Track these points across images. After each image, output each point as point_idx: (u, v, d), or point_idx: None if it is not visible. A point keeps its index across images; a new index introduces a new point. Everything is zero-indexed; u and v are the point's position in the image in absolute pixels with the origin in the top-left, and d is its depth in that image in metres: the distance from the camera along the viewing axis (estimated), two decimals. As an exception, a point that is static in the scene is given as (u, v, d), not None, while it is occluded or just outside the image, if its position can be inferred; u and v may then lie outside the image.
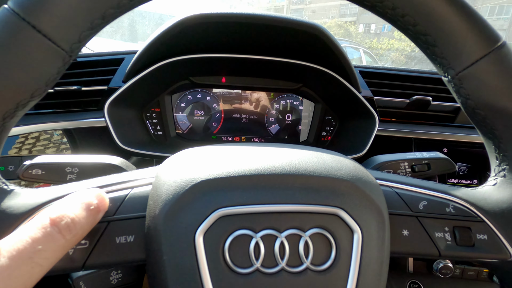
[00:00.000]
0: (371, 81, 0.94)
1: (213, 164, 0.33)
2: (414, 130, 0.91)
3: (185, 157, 0.36)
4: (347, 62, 0.83)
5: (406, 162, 0.59)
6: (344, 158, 0.41)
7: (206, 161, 0.34)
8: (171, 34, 0.74)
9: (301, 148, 0.41)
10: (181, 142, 1.01)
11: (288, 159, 0.35)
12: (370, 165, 0.62)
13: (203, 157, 0.35)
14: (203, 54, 0.87)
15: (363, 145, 0.88)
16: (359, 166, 0.38)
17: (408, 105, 0.93)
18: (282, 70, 0.94)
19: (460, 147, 0.90)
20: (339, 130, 1.03)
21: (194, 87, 1.00)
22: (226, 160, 0.34)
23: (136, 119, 0.94)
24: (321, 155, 0.39)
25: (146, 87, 0.88)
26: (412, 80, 0.95)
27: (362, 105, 0.88)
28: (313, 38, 0.77)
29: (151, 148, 0.89)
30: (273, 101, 1.04)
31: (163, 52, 0.82)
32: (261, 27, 0.77)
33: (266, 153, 0.36)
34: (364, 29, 37.08)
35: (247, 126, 1.05)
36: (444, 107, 0.94)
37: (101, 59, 0.89)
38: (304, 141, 1.07)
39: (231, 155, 0.35)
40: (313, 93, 1.02)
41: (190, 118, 1.02)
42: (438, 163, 0.58)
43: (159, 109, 0.98)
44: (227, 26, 0.77)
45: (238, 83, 1.00)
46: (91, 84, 0.87)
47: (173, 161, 0.36)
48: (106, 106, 0.78)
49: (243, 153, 0.36)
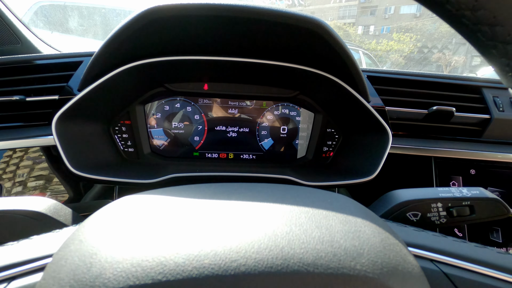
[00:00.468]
0: (381, 88, 0.79)
1: (144, 252, 0.20)
2: (434, 147, 0.76)
3: (106, 226, 0.24)
4: (354, 66, 0.67)
5: (439, 203, 0.44)
6: (363, 221, 0.26)
7: (136, 238, 0.22)
8: (133, 30, 0.58)
9: (288, 201, 0.28)
10: (157, 160, 0.85)
11: (269, 237, 0.22)
12: (388, 204, 0.46)
13: (132, 227, 0.23)
14: (179, 56, 0.71)
15: (374, 165, 0.72)
16: (390, 240, 0.24)
17: (427, 117, 0.78)
18: (276, 75, 0.78)
19: (491, 168, 0.74)
20: (343, 145, 0.87)
21: (171, 95, 0.84)
22: (168, 242, 0.21)
23: (100, 135, 0.78)
24: (326, 220, 0.24)
25: (110, 96, 0.73)
26: (431, 87, 0.80)
27: (372, 117, 0.73)
28: (313, 36, 0.61)
29: (118, 170, 0.73)
30: (266, 111, 0.88)
31: (127, 53, 0.66)
32: (249, 23, 0.61)
33: (234, 222, 0.23)
34: (363, 31, 37.10)
35: (235, 140, 0.89)
36: (469, 119, 0.78)
37: (53, 63, 0.73)
38: (302, 158, 0.92)
39: (178, 225, 0.23)
40: (313, 102, 0.87)
41: (167, 132, 0.86)
42: (484, 205, 0.43)
43: (130, 121, 0.82)
44: (207, 22, 0.62)
45: (223, 90, 0.84)
46: (43, 94, 0.72)
47: (86, 232, 0.23)
48: (54, 121, 0.62)
49: (197, 220, 0.23)
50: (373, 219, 0.27)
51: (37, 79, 0.72)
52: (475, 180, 0.74)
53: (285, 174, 0.75)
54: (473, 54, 26.94)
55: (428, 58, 25.36)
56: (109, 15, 2.16)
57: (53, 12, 2.21)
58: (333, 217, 0.25)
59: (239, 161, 0.90)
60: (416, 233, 0.32)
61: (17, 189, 0.71)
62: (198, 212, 0.25)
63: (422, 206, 0.44)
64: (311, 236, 0.22)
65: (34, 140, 0.67)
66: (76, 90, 0.68)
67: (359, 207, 0.30)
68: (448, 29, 28.67)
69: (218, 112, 0.87)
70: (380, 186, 0.78)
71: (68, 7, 2.32)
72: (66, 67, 0.73)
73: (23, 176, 0.72)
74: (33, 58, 0.75)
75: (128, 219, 0.24)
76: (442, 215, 0.43)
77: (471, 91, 0.81)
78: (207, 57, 0.72)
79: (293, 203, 0.27)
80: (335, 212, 0.26)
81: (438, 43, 27.33)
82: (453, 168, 0.75)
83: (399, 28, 31.04)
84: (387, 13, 36.30)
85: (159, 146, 0.87)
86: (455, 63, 24.97)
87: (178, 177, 0.71)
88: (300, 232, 0.22)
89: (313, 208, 0.27)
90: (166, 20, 0.57)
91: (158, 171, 0.75)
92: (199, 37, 0.67)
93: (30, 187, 0.72)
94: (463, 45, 27.83)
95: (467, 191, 0.44)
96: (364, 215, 0.27)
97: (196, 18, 0.59)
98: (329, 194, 0.32)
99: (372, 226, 0.25)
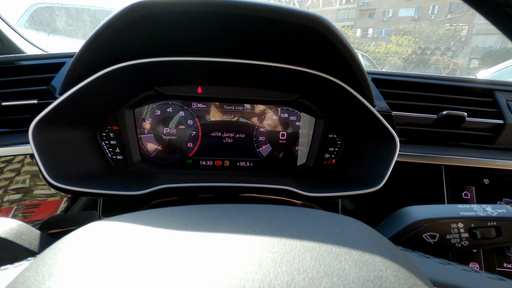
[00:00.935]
0: (387, 91, 0.74)
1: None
2: (444, 155, 0.71)
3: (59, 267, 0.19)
4: (359, 67, 0.62)
5: (460, 223, 0.38)
6: (384, 260, 0.21)
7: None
8: (117, 28, 0.53)
9: (287, 233, 0.23)
10: (147, 168, 0.80)
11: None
12: (401, 223, 0.41)
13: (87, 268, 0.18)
14: (170, 57, 0.66)
15: (380, 175, 0.67)
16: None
17: (436, 122, 0.72)
18: (274, 77, 0.73)
19: (506, 177, 0.69)
20: (346, 152, 0.82)
21: (163, 99, 0.79)
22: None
23: (85, 142, 0.73)
24: (337, 262, 0.20)
25: (95, 100, 0.67)
26: (440, 90, 0.75)
27: (377, 122, 0.67)
28: (313, 35, 0.56)
29: (103, 181, 0.68)
30: (263, 115, 0.83)
31: (113, 53, 0.61)
32: (246, 20, 0.56)
33: (214, 270, 0.18)
34: (361, 33, 37.23)
35: (231, 147, 0.84)
36: (481, 124, 0.73)
37: (34, 64, 0.68)
38: (302, 165, 0.86)
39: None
40: (313, 106, 0.82)
41: (159, 138, 0.81)
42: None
43: (118, 127, 0.77)
44: (200, 19, 0.56)
45: (218, 94, 0.79)
46: (23, 97, 0.66)
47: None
48: (31, 127, 0.57)
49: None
50: (394, 256, 0.22)
51: (16, 81, 0.66)
52: (489, 190, 0.68)
53: (284, 184, 0.70)
54: (471, 56, 27.05)
55: (427, 60, 25.46)
56: (99, 15, 2.12)
57: (49, 14, 2.16)
58: (346, 257, 0.20)
59: (235, 169, 0.85)
60: (442, 268, 0.26)
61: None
62: (172, 253, 0.19)
63: (440, 226, 0.39)
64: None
65: (11, 148, 0.62)
66: (57, 93, 0.63)
67: (374, 237, 0.24)
68: (446, 32, 28.74)
69: (212, 117, 0.82)
70: (387, 197, 0.73)
71: (65, 9, 2.28)
72: (49, 68, 0.67)
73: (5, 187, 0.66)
74: (13, 59, 0.70)
75: (84, 260, 0.19)
76: (463, 237, 0.38)
77: (482, 94, 0.76)
78: (201, 58, 0.66)
79: (293, 235, 0.22)
80: (347, 248, 0.21)
81: (436, 46, 27.46)
82: (465, 178, 0.70)
83: (397, 30, 31.18)
84: (386, 15, 36.45)
85: (150, 153, 0.82)
86: (454, 66, 25.06)
87: (168, 188, 0.66)
88: (305, 284, 0.17)
89: (319, 242, 0.21)
90: (155, 16, 0.52)
91: (148, 181, 0.70)
92: (191, 36, 0.62)
93: (12, 199, 0.67)
94: (462, 47, 27.97)
95: (492, 209, 0.39)
96: (383, 250, 0.22)
97: (188, 15, 0.53)
98: (335, 218, 0.27)
99: (395, 268, 0.20)
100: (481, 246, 0.38)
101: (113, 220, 0.24)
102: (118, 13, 0.51)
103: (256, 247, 0.20)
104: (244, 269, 0.18)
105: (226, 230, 0.22)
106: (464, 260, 0.65)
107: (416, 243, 0.39)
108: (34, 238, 0.37)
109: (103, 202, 0.68)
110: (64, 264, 0.18)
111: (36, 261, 0.19)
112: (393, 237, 0.41)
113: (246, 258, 0.19)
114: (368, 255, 0.20)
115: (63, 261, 0.19)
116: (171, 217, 0.24)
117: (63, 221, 0.64)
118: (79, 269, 0.18)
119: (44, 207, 0.69)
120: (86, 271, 0.18)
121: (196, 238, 0.21)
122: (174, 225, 0.23)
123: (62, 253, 0.19)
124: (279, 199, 0.73)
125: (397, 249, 0.24)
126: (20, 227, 0.36)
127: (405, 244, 0.40)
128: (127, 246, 0.20)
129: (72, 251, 0.20)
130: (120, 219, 0.25)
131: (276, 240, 0.21)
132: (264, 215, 0.25)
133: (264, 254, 0.20)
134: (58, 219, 0.65)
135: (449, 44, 28.02)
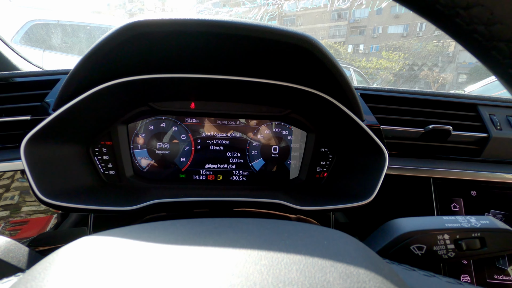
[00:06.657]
0: (375, 106, 0.76)
1: None
2: (432, 168, 0.72)
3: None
4: (346, 83, 0.64)
5: (446, 234, 0.39)
6: (367, 273, 0.22)
7: None
8: (113, 46, 0.55)
9: (273, 245, 0.23)
10: (140, 183, 0.80)
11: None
12: (389, 235, 0.42)
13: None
14: (164, 74, 0.67)
15: (370, 188, 0.68)
16: None
17: (423, 136, 0.74)
18: (266, 93, 0.75)
19: (492, 189, 0.71)
20: (337, 165, 0.83)
21: (156, 114, 0.80)
22: None
23: (78, 157, 0.73)
24: (322, 274, 0.20)
25: (89, 116, 0.68)
26: (426, 105, 0.77)
27: (366, 136, 0.69)
28: (302, 53, 0.58)
29: (95, 196, 0.67)
30: (256, 130, 0.84)
31: (107, 70, 0.62)
32: (237, 39, 0.58)
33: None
34: (353, 49, 38.25)
35: (224, 161, 0.84)
36: (467, 138, 0.75)
37: (28, 81, 0.69)
38: (295, 179, 0.87)
39: None
40: (305, 121, 0.84)
41: (152, 153, 0.81)
42: (496, 237, 0.38)
43: (111, 142, 0.77)
44: (193, 38, 0.58)
45: (211, 109, 0.80)
46: (16, 114, 0.67)
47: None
48: (23, 143, 0.57)
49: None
50: (379, 268, 0.22)
51: (10, 98, 0.67)
52: (477, 202, 0.70)
53: (276, 198, 0.70)
54: (459, 71, 27.87)
55: (417, 75, 26.14)
56: (94, 32, 2.15)
57: (45, 31, 2.19)
58: (331, 269, 0.21)
59: (228, 183, 0.85)
60: (426, 280, 0.27)
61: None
62: (161, 266, 0.20)
63: (427, 238, 0.39)
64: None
65: (3, 164, 0.61)
66: (50, 109, 0.64)
67: (360, 250, 0.25)
68: (434, 48, 29.72)
69: (206, 132, 0.83)
70: (378, 210, 0.73)
71: (61, 26, 2.30)
72: (43, 85, 0.68)
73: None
74: (7, 76, 0.70)
75: (74, 274, 0.19)
76: (450, 248, 0.39)
77: (466, 108, 0.78)
78: (194, 74, 0.68)
79: (280, 248, 0.22)
80: (332, 261, 0.22)
81: (425, 61, 28.28)
82: (453, 190, 0.71)
83: (387, 46, 32.13)
84: (376, 32, 37.68)
85: (143, 168, 0.82)
86: (443, 80, 25.75)
87: (160, 203, 0.65)
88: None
89: (305, 255, 0.22)
90: (151, 35, 0.54)
91: (140, 196, 0.70)
92: (185, 54, 0.64)
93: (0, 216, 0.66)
94: (450, 63, 28.83)
95: (475, 220, 0.40)
96: (368, 262, 0.23)
97: (183, 34, 0.55)
98: (323, 231, 0.27)
99: (378, 279, 0.20)
100: (468, 257, 0.39)
101: (103, 235, 0.25)
102: (115, 31, 0.52)
103: (243, 259, 0.21)
104: (231, 281, 0.18)
105: (215, 244, 0.23)
106: (455, 272, 0.65)
107: (404, 255, 0.40)
108: (23, 255, 0.37)
109: (94, 218, 0.67)
110: (53, 279, 0.19)
111: (26, 276, 0.19)
112: (382, 249, 0.41)
113: (233, 271, 0.19)
114: (353, 268, 0.21)
115: (52, 276, 0.19)
116: (161, 231, 0.25)
117: (52, 238, 0.63)
118: (69, 284, 0.18)
119: (33, 224, 0.68)
120: (75, 286, 0.18)
121: (185, 251, 0.22)
122: (163, 239, 0.23)
123: (51, 268, 0.20)
124: (272, 213, 0.73)
125: (382, 262, 0.24)
126: (8, 244, 0.36)
127: (394, 256, 0.41)
128: (117, 261, 0.21)
129: (61, 266, 0.20)
130: (110, 234, 0.25)
131: (263, 253, 0.22)
132: (253, 229, 0.26)
133: (251, 266, 0.20)
134: (47, 236, 0.64)
135: (437, 60, 28.91)
